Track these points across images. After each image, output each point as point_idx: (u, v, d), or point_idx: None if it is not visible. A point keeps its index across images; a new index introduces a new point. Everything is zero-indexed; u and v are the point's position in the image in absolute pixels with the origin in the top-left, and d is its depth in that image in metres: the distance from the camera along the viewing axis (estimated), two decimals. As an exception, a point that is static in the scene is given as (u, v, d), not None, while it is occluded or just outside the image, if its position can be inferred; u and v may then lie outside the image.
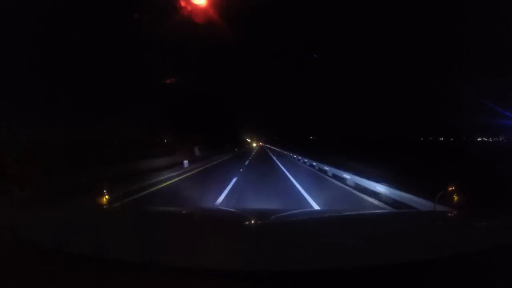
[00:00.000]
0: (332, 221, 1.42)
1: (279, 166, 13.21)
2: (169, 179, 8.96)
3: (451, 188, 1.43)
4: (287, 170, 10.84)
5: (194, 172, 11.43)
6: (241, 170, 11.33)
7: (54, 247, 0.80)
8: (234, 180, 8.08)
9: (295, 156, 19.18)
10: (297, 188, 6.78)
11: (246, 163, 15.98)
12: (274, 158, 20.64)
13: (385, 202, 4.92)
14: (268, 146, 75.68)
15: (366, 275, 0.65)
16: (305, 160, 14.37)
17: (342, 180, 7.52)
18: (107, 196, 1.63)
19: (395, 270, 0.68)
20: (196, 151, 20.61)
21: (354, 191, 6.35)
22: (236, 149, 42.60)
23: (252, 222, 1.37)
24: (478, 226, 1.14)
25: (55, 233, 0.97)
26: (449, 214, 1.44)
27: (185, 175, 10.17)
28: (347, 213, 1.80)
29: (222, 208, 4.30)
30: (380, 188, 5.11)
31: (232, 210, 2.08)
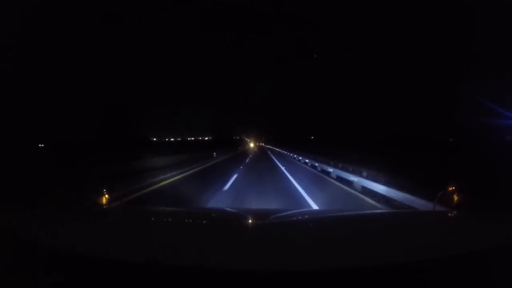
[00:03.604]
0: (332, 221, 1.45)
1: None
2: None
3: (451, 188, 1.46)
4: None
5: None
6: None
7: (54, 247, 0.82)
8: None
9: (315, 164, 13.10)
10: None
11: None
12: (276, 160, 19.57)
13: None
14: (270, 147, 71.71)
15: (366, 275, 0.67)
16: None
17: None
18: (107, 196, 1.67)
19: (395, 270, 0.70)
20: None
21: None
22: (240, 148, 58.67)
23: (252, 221, 1.41)
24: (478, 226, 1.16)
25: (54, 233, 0.98)
26: (449, 214, 1.46)
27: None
28: (347, 213, 1.83)
29: (222, 208, 4.34)
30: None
31: (232, 210, 2.12)
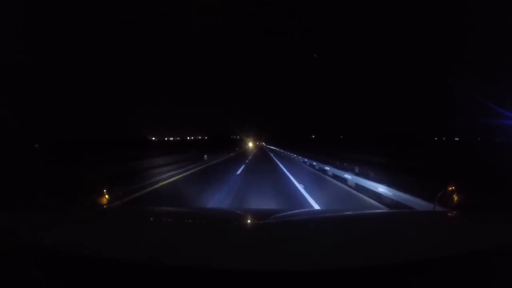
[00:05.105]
0: (332, 221, 1.47)
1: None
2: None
3: (451, 188, 1.48)
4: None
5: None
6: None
7: (54, 247, 0.83)
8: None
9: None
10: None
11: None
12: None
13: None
14: (270, 147, 68.98)
15: (366, 275, 0.68)
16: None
17: None
18: (107, 196, 1.70)
19: (395, 270, 0.71)
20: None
21: None
22: (246, 146, 62.24)
23: (252, 222, 1.42)
24: (478, 226, 1.17)
25: (55, 233, 0.99)
26: (449, 214, 1.48)
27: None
28: (347, 213, 1.84)
29: (223, 208, 4.36)
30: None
31: (232, 210, 2.14)
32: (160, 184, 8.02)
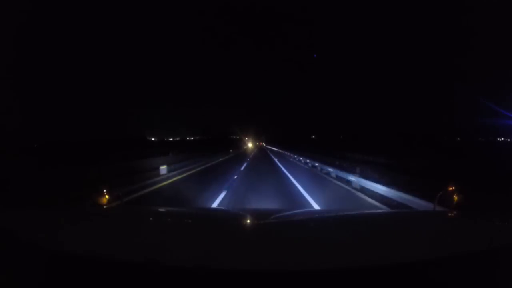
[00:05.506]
0: (332, 221, 1.47)
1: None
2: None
3: (451, 188, 1.49)
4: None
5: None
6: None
7: (53, 247, 0.83)
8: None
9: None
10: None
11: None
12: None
13: None
14: (271, 147, 67.83)
15: (366, 275, 0.68)
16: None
17: None
18: (107, 196, 1.70)
19: (395, 270, 0.71)
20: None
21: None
22: (245, 147, 63.10)
23: (252, 222, 1.42)
24: (478, 226, 1.18)
25: (54, 233, 1.00)
26: (449, 214, 1.48)
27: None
28: (347, 213, 1.85)
29: (222, 208, 4.36)
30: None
31: (232, 210, 2.14)
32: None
